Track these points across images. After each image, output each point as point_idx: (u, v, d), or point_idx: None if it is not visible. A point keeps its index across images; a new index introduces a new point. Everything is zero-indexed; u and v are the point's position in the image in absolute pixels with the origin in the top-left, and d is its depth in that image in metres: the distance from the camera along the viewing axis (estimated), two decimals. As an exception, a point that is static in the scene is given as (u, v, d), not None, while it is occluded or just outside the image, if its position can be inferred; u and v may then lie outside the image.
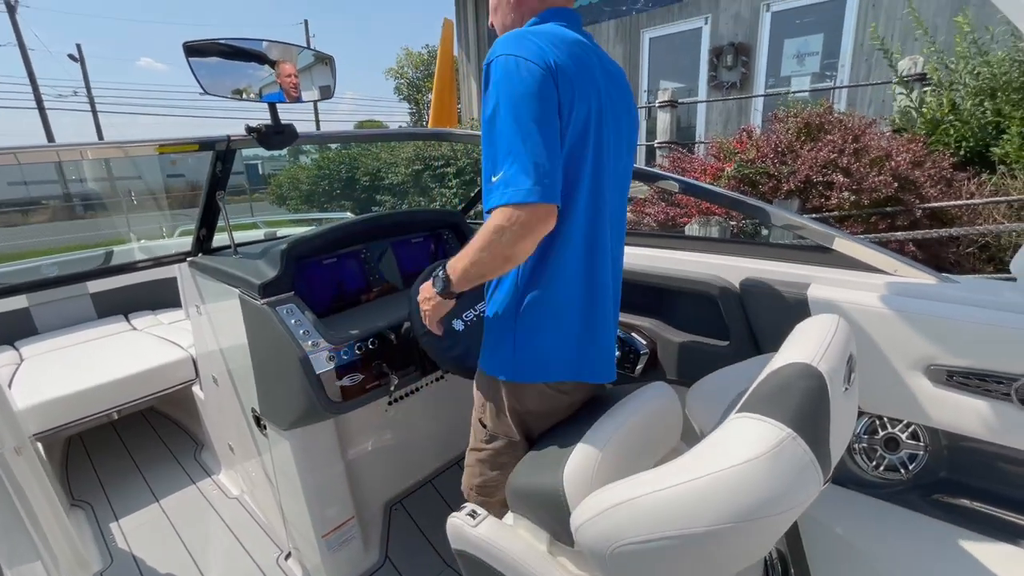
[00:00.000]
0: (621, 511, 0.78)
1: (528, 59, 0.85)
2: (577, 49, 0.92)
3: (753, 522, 0.69)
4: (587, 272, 1.00)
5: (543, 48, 0.87)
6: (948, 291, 1.09)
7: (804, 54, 6.51)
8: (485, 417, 1.13)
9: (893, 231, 2.85)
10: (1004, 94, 3.08)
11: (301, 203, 7.63)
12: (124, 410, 2.14)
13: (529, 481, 0.99)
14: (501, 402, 1.08)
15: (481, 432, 1.16)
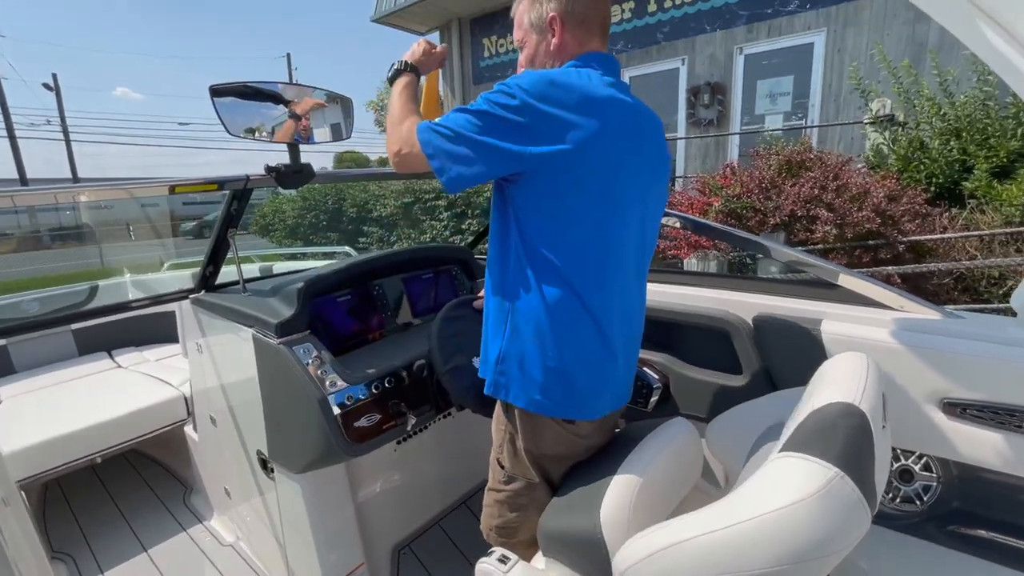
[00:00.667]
0: (669, 555, 0.77)
1: (526, 98, 0.88)
2: (602, 107, 0.92)
3: (806, 563, 0.69)
4: (599, 313, 1.00)
5: (553, 96, 0.89)
6: (955, 327, 1.14)
7: (776, 94, 6.85)
8: (503, 457, 1.12)
9: (877, 263, 2.97)
10: (968, 134, 3.29)
11: (286, 235, 7.56)
12: (109, 453, 2.04)
13: (564, 524, 0.97)
14: (518, 443, 1.07)
15: (499, 473, 1.14)
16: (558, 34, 1.02)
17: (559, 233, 0.95)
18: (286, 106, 1.46)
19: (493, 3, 9.03)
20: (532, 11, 1.04)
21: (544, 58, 1.05)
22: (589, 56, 1.02)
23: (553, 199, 0.94)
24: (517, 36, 1.09)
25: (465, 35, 9.89)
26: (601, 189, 0.94)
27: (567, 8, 1.01)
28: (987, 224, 3.17)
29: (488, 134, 0.90)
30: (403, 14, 9.50)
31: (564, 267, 0.96)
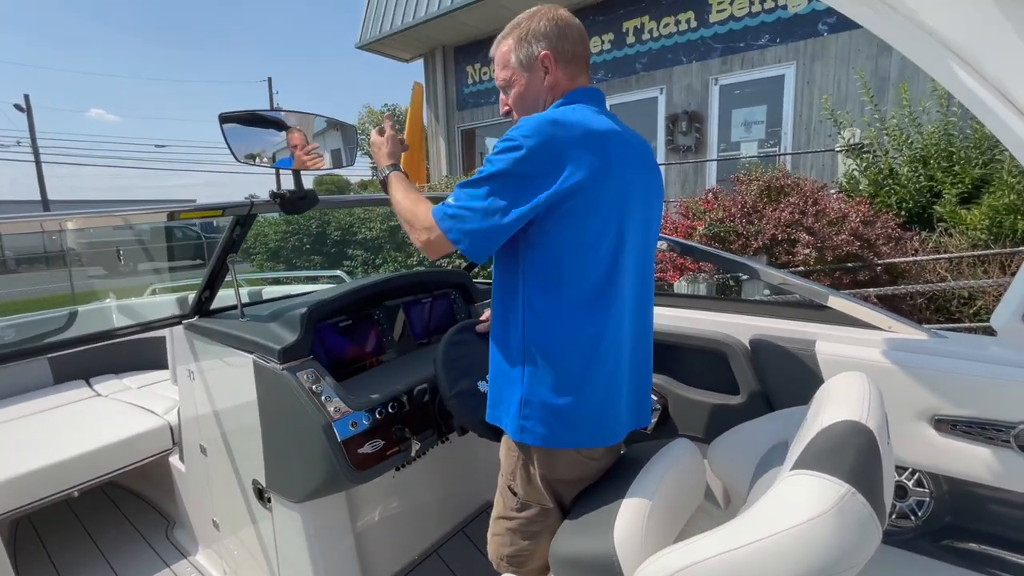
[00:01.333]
0: (687, 575, 0.78)
1: (536, 147, 0.92)
2: (605, 133, 0.98)
3: None
4: (609, 340, 1.02)
5: (561, 143, 0.93)
6: (941, 346, 1.20)
7: (750, 122, 7.14)
8: (516, 484, 1.11)
9: (856, 285, 3.08)
10: (935, 162, 3.48)
11: (267, 259, 7.46)
12: (86, 487, 1.95)
13: (578, 547, 0.97)
14: (532, 469, 1.07)
15: (512, 500, 1.13)
16: (552, 72, 1.06)
17: (567, 267, 0.98)
18: (289, 133, 1.48)
19: (477, 31, 9.26)
20: (520, 51, 1.07)
21: (537, 95, 1.09)
22: (580, 91, 1.07)
23: (560, 233, 0.96)
24: (503, 75, 1.11)
25: (449, 62, 10.10)
26: (607, 218, 0.98)
27: (558, 46, 1.06)
28: (955, 247, 3.33)
29: (502, 197, 0.93)
30: (387, 42, 9.67)
31: (573, 300, 0.98)
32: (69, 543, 2.09)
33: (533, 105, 1.10)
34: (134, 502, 2.36)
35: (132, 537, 2.12)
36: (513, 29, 1.10)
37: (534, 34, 1.06)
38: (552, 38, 1.06)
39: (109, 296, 3.25)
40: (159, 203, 1.37)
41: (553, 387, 1.00)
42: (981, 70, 0.83)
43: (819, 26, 6.27)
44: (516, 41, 1.08)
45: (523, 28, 1.08)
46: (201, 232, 17.04)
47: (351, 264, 6.52)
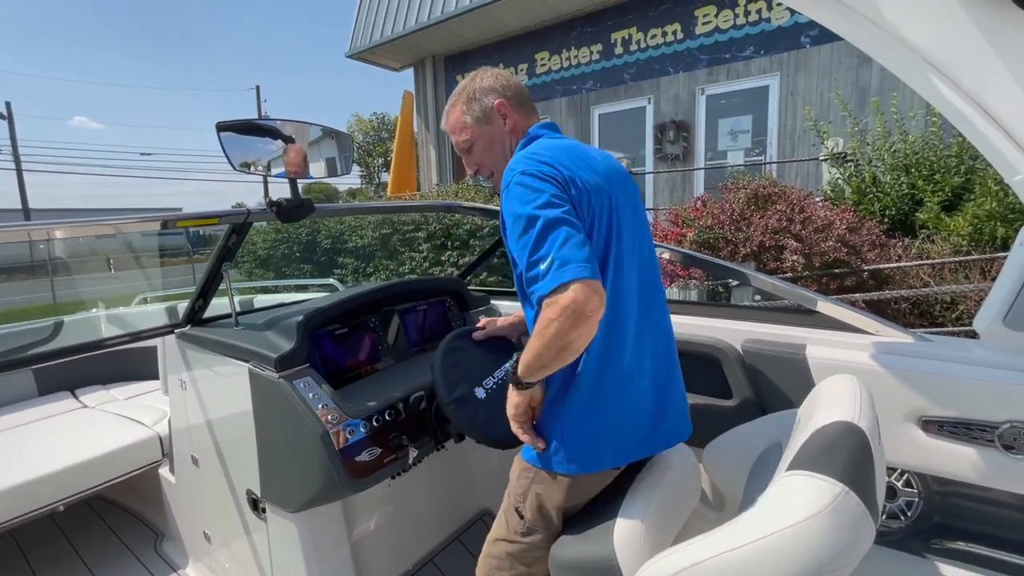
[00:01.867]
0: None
1: (543, 174, 0.95)
2: (579, 152, 1.04)
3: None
4: (619, 356, 1.02)
5: (553, 160, 0.97)
6: (927, 349, 1.23)
7: (737, 132, 7.26)
8: (524, 507, 1.09)
9: (842, 291, 3.14)
10: (917, 170, 3.58)
11: (256, 267, 7.39)
12: (72, 501, 1.91)
13: (578, 552, 0.98)
14: (551, 495, 1.05)
15: (517, 523, 1.10)
16: (510, 116, 1.13)
17: None
18: (285, 142, 1.48)
19: (466, 41, 9.34)
20: (472, 110, 1.14)
21: (502, 141, 1.15)
22: (539, 126, 1.15)
23: None
24: (463, 139, 1.16)
25: (439, 72, 10.16)
26: (601, 232, 1.00)
27: (506, 94, 1.14)
28: (937, 253, 3.41)
29: (563, 214, 0.92)
30: (377, 51, 9.71)
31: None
32: (54, 558, 2.05)
33: (501, 151, 1.16)
34: (121, 515, 2.32)
35: (119, 551, 2.08)
36: (458, 96, 1.17)
37: (481, 91, 1.14)
38: (498, 88, 1.14)
39: (96, 306, 3.21)
40: (141, 212, 1.35)
41: (571, 411, 1.00)
42: (959, 83, 0.86)
43: (802, 38, 6.42)
44: (465, 103, 1.15)
45: (468, 90, 1.15)
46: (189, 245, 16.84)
47: (342, 272, 6.49)
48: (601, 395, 1.01)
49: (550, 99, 8.78)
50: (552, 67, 8.66)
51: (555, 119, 9.09)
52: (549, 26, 8.51)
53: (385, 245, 6.02)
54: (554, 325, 0.86)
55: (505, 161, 1.11)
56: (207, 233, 19.38)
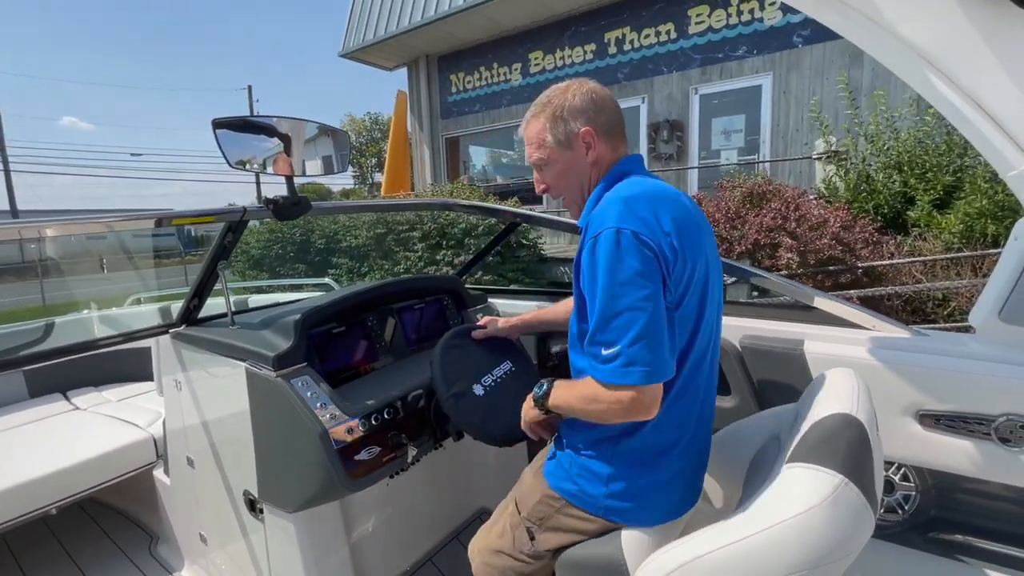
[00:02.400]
0: (689, 570, 0.79)
1: (639, 238, 0.86)
2: (676, 203, 0.94)
3: (821, 567, 0.72)
4: (695, 413, 1.00)
5: (652, 219, 0.88)
6: (924, 343, 1.24)
7: (730, 131, 7.31)
8: (537, 530, 1.07)
9: (837, 288, 3.17)
10: (909, 168, 3.61)
11: (250, 267, 7.35)
12: (65, 504, 1.89)
13: (585, 552, 0.98)
14: (576, 529, 1.03)
15: (526, 544, 1.08)
16: (594, 147, 1.02)
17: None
18: (281, 139, 1.47)
19: (460, 41, 9.33)
20: (555, 129, 1.02)
21: (581, 172, 1.04)
22: (626, 162, 1.04)
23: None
24: (539, 155, 1.05)
25: (432, 71, 10.14)
26: (700, 300, 0.95)
27: (596, 120, 1.01)
28: (929, 250, 3.44)
29: (649, 299, 0.85)
30: (370, 50, 9.68)
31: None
32: (47, 562, 2.02)
33: (577, 183, 1.06)
34: (115, 518, 2.29)
35: (113, 554, 2.06)
36: (544, 107, 1.04)
37: (570, 110, 1.01)
38: (589, 113, 1.01)
39: (88, 306, 3.17)
40: (133, 212, 1.33)
41: (622, 461, 0.97)
42: (956, 79, 0.87)
43: (794, 38, 6.46)
44: (550, 120, 1.03)
45: (556, 105, 1.02)
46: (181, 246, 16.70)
47: (336, 272, 6.47)
48: (657, 456, 0.97)
49: (544, 98, 8.78)
50: (546, 66, 8.67)
51: (549, 118, 9.14)
52: (543, 25, 8.51)
53: (380, 244, 6.01)
54: (600, 407, 0.90)
55: (580, 193, 1.06)
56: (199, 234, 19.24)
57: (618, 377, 0.85)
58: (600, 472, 0.98)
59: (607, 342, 0.86)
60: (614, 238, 0.87)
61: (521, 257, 6.15)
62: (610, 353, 0.86)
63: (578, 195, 1.07)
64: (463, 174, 10.26)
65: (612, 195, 0.95)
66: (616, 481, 0.98)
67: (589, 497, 0.99)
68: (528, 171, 6.28)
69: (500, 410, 1.28)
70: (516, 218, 2.10)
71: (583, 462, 1.01)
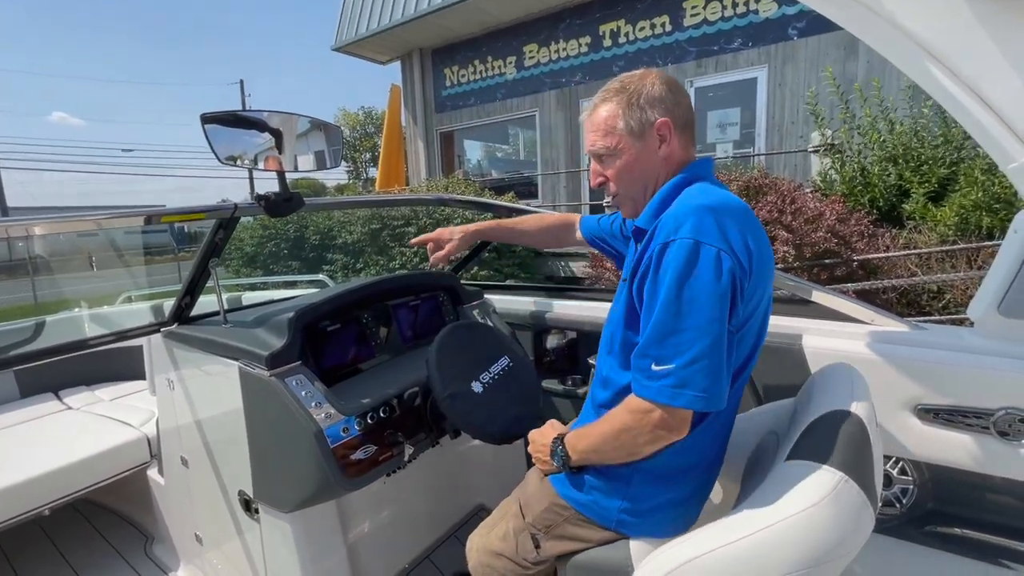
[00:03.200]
0: (690, 569, 0.78)
1: (724, 253, 0.80)
2: (751, 220, 0.88)
3: (822, 566, 0.72)
4: (723, 435, 0.98)
5: (739, 236, 0.83)
6: (922, 337, 1.23)
7: (725, 124, 7.29)
8: (543, 538, 1.05)
9: (833, 281, 3.17)
10: (904, 161, 3.61)
11: (243, 264, 7.30)
12: (59, 504, 1.87)
13: (596, 557, 0.98)
14: (584, 538, 1.01)
15: (530, 551, 1.06)
16: (669, 141, 0.95)
17: None
18: (272, 134, 1.44)
19: (453, 34, 9.26)
20: (629, 116, 0.94)
21: (650, 168, 0.97)
22: (699, 164, 0.98)
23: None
24: (605, 143, 0.97)
25: (426, 65, 10.06)
26: (760, 326, 0.92)
27: (675, 113, 0.94)
28: (924, 243, 3.45)
29: (716, 322, 0.79)
30: (364, 44, 9.59)
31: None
32: (40, 563, 2.01)
33: (643, 179, 0.98)
34: (109, 518, 2.27)
35: (108, 555, 2.04)
36: (618, 92, 0.96)
37: (648, 98, 0.93)
38: (668, 103, 0.93)
39: (79, 305, 3.13)
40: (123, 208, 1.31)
41: (639, 478, 0.95)
42: (957, 71, 0.86)
43: (789, 30, 6.44)
44: (624, 105, 0.94)
45: (632, 91, 0.94)
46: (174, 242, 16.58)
47: (331, 269, 6.43)
48: (679, 475, 0.95)
49: (539, 92, 8.74)
50: (541, 60, 8.62)
51: (544, 112, 9.06)
52: (537, 18, 8.45)
53: (375, 241, 5.97)
54: (632, 433, 0.85)
55: (644, 191, 0.98)
56: (192, 230, 19.09)
57: (666, 397, 0.80)
58: (616, 486, 0.95)
59: (660, 357, 0.81)
60: (693, 250, 0.80)
61: (517, 252, 6.13)
62: (662, 370, 0.80)
63: (641, 192, 0.99)
64: (458, 169, 10.21)
65: (689, 201, 0.88)
66: (633, 497, 0.95)
67: (602, 509, 0.97)
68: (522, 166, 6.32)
69: (499, 408, 1.27)
70: (512, 213, 2.08)
71: (598, 473, 0.97)
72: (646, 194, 0.99)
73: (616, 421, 0.88)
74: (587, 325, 1.81)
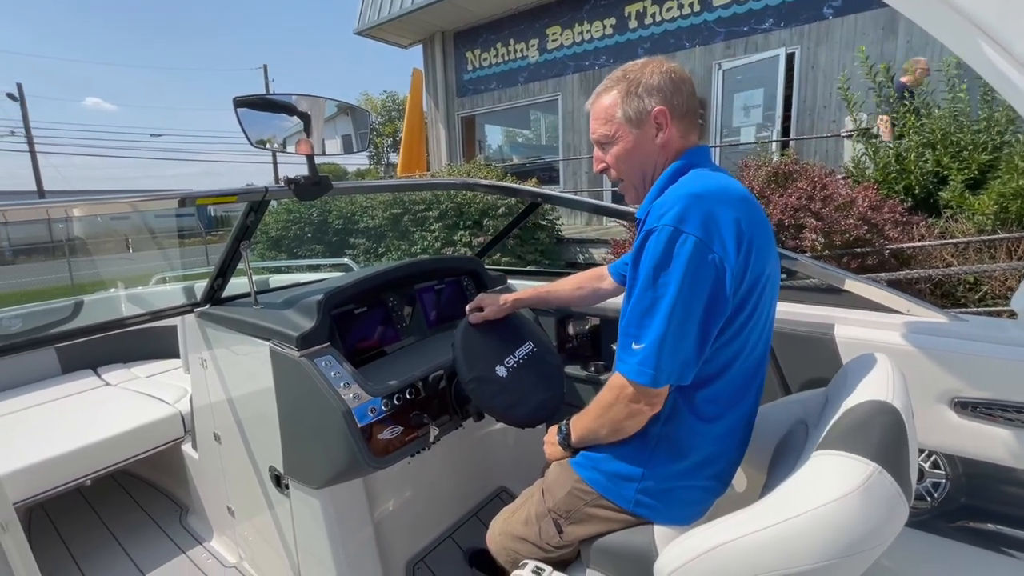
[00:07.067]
0: (716, 556, 0.78)
1: (701, 242, 0.82)
2: (749, 206, 0.91)
3: (852, 558, 0.71)
4: (738, 410, 0.98)
5: (718, 221, 0.84)
6: (962, 329, 1.19)
7: (752, 107, 7.08)
8: (564, 523, 1.07)
9: (863, 270, 3.08)
10: (943, 147, 3.46)
11: (269, 248, 7.44)
12: (100, 475, 1.96)
13: (621, 541, 0.99)
14: (599, 518, 1.03)
15: (552, 536, 1.09)
16: (666, 129, 0.97)
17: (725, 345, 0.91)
18: (300, 118, 1.45)
19: (475, 16, 9.15)
20: (627, 104, 0.97)
21: (647, 155, 0.99)
22: (695, 152, 0.99)
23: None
24: (604, 130, 1.00)
25: (448, 48, 9.98)
26: (751, 312, 0.91)
27: (672, 101, 0.97)
28: (961, 232, 3.32)
29: (684, 305, 0.83)
30: (385, 27, 9.55)
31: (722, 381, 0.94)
32: (83, 531, 2.11)
33: (640, 166, 1.01)
34: (147, 490, 2.37)
35: (146, 524, 2.14)
36: (619, 81, 0.99)
37: (646, 88, 0.96)
38: (666, 92, 0.96)
39: (115, 285, 3.24)
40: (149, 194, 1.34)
41: (659, 461, 0.97)
42: (1009, 48, 0.81)
43: (824, 9, 6.19)
44: (623, 94, 0.98)
45: (632, 81, 0.97)
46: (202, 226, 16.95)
47: (353, 253, 6.51)
48: (690, 452, 0.96)
49: (562, 75, 8.61)
50: (564, 42, 8.47)
51: (566, 96, 8.93)
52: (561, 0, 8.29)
53: (396, 225, 6.01)
54: (614, 409, 0.93)
55: (643, 178, 1.01)
56: (218, 214, 19.45)
57: (634, 374, 0.87)
58: (636, 468, 0.98)
59: (637, 336, 0.88)
60: (670, 237, 0.84)
61: (539, 238, 6.11)
62: (635, 347, 0.87)
63: (640, 179, 1.02)
64: (479, 153, 10.16)
65: (677, 189, 0.90)
66: (653, 478, 0.97)
67: (622, 495, 0.99)
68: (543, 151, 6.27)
69: (523, 392, 1.28)
70: (537, 198, 2.07)
71: (618, 456, 0.99)
72: (646, 181, 1.02)
73: (603, 399, 0.95)
74: (610, 312, 1.80)
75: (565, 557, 1.11)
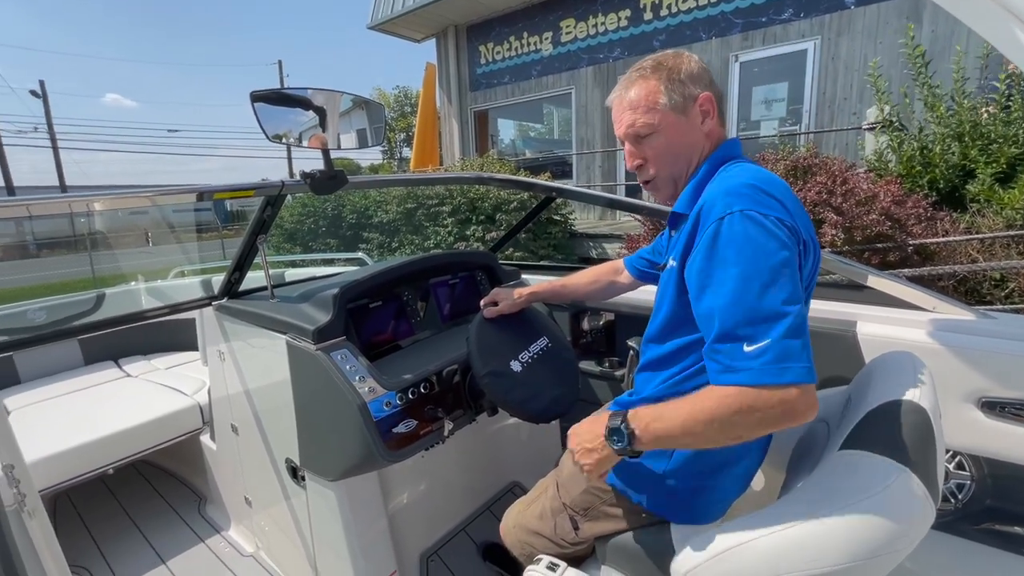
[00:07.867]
0: (735, 555, 0.77)
1: (779, 220, 0.77)
2: (791, 193, 0.87)
3: (877, 559, 0.69)
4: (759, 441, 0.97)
5: (784, 205, 0.80)
6: (990, 327, 1.16)
7: (771, 100, 6.95)
8: (581, 520, 1.06)
9: (885, 266, 3.02)
10: (971, 139, 3.36)
11: (283, 241, 7.52)
12: (121, 464, 2.00)
13: (638, 540, 0.98)
14: (617, 516, 1.02)
15: (568, 532, 1.07)
16: (713, 117, 0.93)
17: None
18: (316, 112, 1.46)
19: (489, 10, 9.09)
20: (672, 91, 0.91)
21: (694, 144, 0.94)
22: (730, 144, 0.95)
23: None
24: (646, 120, 0.92)
25: (461, 42, 9.95)
26: (806, 301, 0.87)
27: (713, 89, 0.93)
28: (988, 227, 3.23)
29: (797, 290, 0.75)
30: (399, 21, 9.54)
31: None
32: (105, 518, 2.16)
33: (686, 156, 0.94)
34: (166, 479, 2.42)
35: (166, 512, 2.18)
36: (652, 70, 0.93)
37: (688, 74, 0.91)
38: (707, 79, 0.92)
39: (135, 278, 3.31)
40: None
41: (681, 463, 0.94)
42: None
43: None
44: (665, 80, 0.91)
45: (672, 68, 0.92)
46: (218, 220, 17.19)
47: (367, 247, 6.55)
48: (723, 463, 0.94)
49: (575, 69, 8.53)
50: (578, 35, 8.39)
51: (580, 90, 8.86)
52: (576, -9, 8.21)
53: (410, 220, 6.03)
54: (736, 419, 0.73)
55: (687, 168, 0.95)
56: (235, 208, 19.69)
57: (773, 376, 0.70)
58: (656, 469, 0.95)
59: (749, 336, 0.72)
60: (756, 219, 0.76)
61: (553, 233, 6.08)
62: (756, 349, 0.72)
63: (683, 170, 0.95)
64: (492, 148, 10.13)
65: (732, 180, 0.83)
66: (673, 478, 0.94)
67: (641, 493, 0.97)
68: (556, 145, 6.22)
69: (537, 387, 1.27)
70: (552, 192, 2.06)
71: (637, 461, 0.96)
72: (688, 172, 0.96)
73: (711, 404, 0.75)
74: (624, 307, 1.78)
75: (580, 553, 1.10)
